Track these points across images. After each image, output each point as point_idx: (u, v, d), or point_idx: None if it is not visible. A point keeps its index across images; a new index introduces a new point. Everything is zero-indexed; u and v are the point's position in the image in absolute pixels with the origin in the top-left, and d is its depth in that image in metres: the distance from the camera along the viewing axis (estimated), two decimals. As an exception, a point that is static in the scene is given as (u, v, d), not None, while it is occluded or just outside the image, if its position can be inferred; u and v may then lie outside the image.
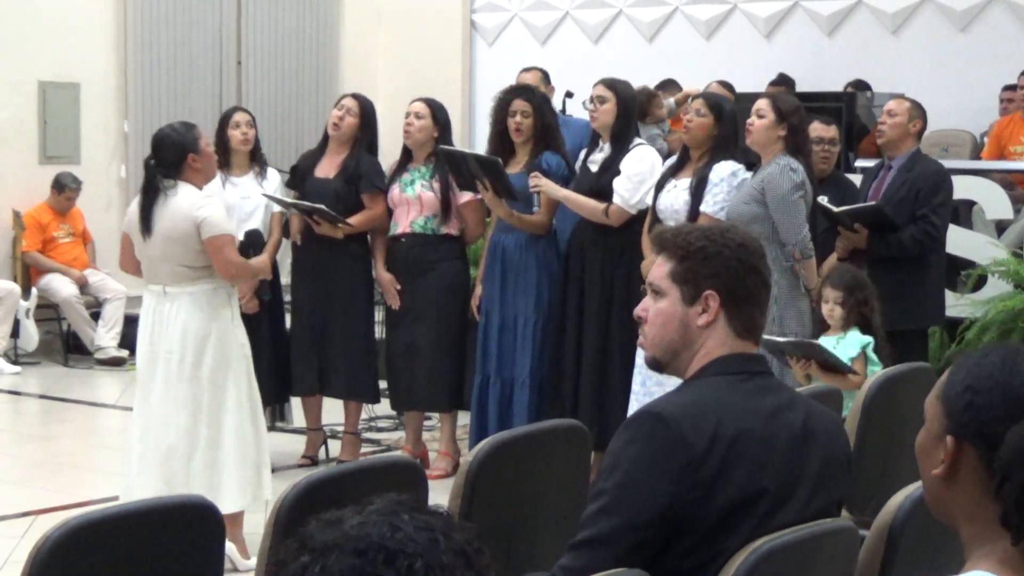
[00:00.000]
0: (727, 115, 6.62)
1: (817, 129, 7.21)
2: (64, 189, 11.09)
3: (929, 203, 6.91)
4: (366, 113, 7.54)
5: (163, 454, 5.66)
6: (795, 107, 6.47)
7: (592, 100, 7.04)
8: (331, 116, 7.58)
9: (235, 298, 5.86)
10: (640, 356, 6.67)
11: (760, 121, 6.37)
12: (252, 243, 6.31)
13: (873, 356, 5.83)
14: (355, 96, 7.71)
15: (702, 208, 6.46)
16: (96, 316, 11.07)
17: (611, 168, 6.91)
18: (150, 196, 5.66)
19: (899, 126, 7.05)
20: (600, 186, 6.91)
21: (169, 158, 5.65)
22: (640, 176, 6.81)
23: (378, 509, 1.54)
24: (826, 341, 5.87)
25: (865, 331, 5.93)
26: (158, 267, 5.71)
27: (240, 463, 5.74)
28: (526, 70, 9.01)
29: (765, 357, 3.10)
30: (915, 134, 7.13)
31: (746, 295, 3.00)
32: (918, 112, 7.13)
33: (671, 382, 6.15)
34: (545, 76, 8.84)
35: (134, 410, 5.85)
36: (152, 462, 5.68)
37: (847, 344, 5.87)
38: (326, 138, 7.64)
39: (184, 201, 5.60)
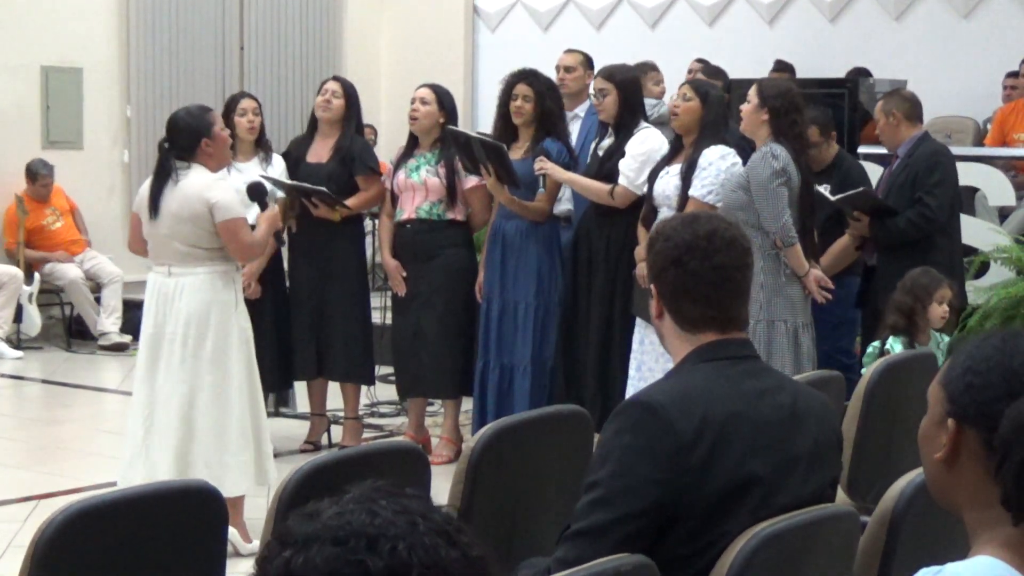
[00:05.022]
0: (712, 99, 6.57)
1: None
2: (38, 177, 11.00)
3: (924, 185, 6.88)
4: (350, 94, 7.58)
5: (166, 437, 5.65)
6: (781, 91, 6.32)
7: (595, 94, 7.04)
8: (316, 102, 7.62)
9: (239, 283, 5.86)
10: (637, 340, 6.67)
11: (746, 107, 6.32)
12: (256, 195, 6.18)
13: None
14: (336, 79, 7.79)
15: (690, 192, 6.43)
16: (98, 300, 11.05)
17: (615, 154, 6.90)
18: (161, 178, 5.68)
19: (888, 127, 7.06)
20: (604, 172, 6.91)
21: (183, 142, 5.66)
22: (644, 156, 6.80)
23: (355, 497, 1.55)
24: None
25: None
26: (165, 247, 5.72)
27: (242, 448, 5.74)
28: (568, 51, 8.63)
29: (751, 342, 3.10)
30: (906, 125, 7.04)
31: (671, 288, 2.98)
32: (892, 104, 7.07)
33: (666, 366, 6.22)
34: (587, 60, 8.40)
35: (134, 392, 5.81)
36: (155, 446, 5.67)
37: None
38: (313, 125, 7.68)
39: (195, 182, 5.62)
